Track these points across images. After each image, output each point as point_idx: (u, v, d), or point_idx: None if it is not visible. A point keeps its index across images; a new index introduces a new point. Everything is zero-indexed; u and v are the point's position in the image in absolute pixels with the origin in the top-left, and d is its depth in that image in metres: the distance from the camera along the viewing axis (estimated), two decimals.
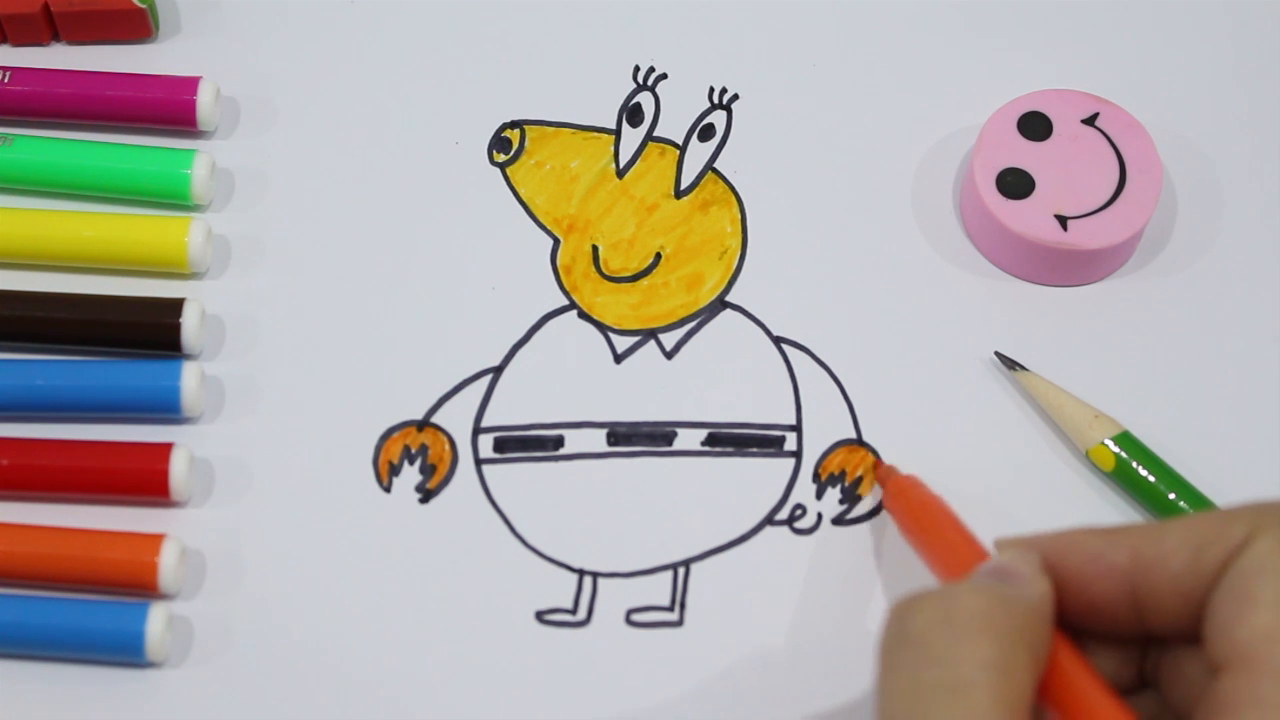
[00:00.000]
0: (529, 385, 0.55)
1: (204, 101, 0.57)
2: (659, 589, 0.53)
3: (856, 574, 0.53)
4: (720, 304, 0.56)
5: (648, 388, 0.55)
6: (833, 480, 0.54)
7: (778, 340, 0.56)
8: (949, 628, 0.42)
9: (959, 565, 0.47)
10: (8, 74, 0.57)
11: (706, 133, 0.59)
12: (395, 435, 0.54)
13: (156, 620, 0.51)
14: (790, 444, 0.54)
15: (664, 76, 0.59)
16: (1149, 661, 0.45)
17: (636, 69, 0.59)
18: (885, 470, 0.53)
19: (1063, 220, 0.55)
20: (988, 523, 0.53)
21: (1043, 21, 0.60)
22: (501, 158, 0.58)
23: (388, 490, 0.54)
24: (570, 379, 0.55)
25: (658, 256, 0.57)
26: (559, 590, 0.53)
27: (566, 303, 0.56)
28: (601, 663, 0.52)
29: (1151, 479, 0.53)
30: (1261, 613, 0.41)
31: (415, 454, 0.54)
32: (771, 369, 0.55)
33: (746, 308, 0.56)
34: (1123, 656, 0.45)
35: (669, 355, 0.56)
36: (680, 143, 0.58)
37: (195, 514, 0.53)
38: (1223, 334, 0.56)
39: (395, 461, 0.54)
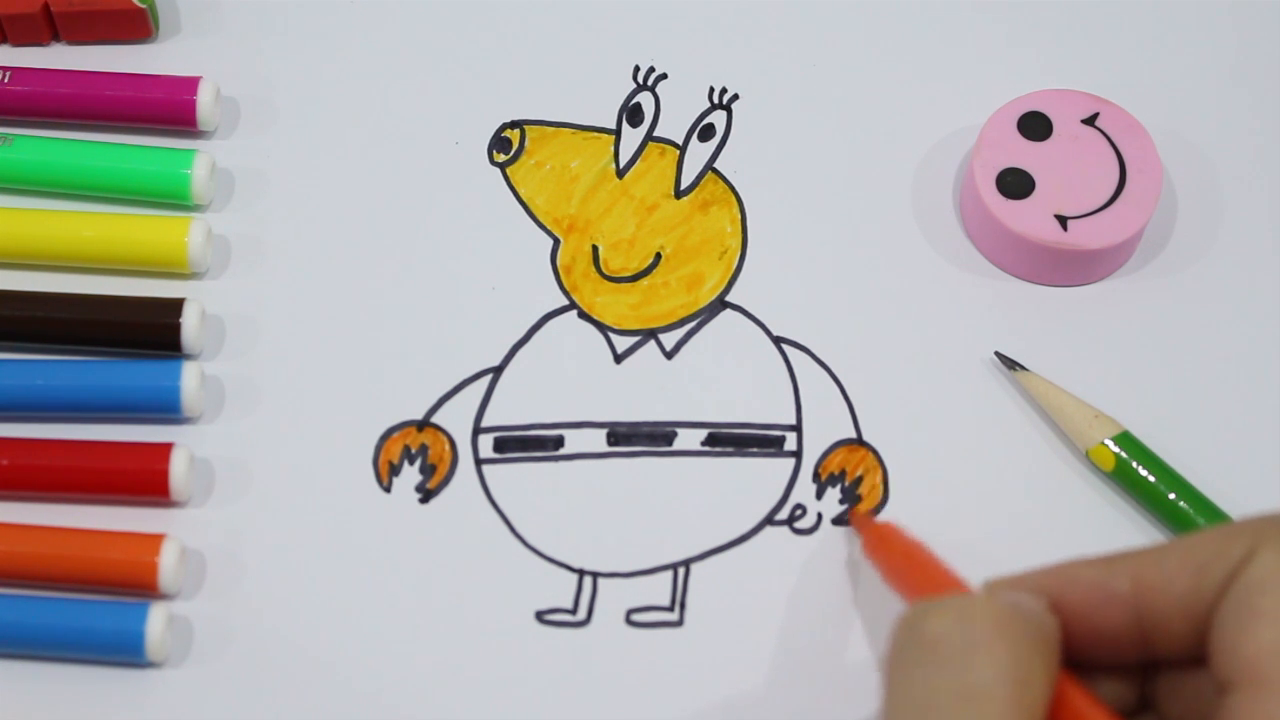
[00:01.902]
0: (529, 385, 0.55)
1: (204, 101, 0.57)
2: (659, 589, 0.53)
3: (856, 574, 0.53)
4: (720, 304, 0.56)
5: (648, 388, 0.55)
6: (833, 480, 0.54)
7: (778, 340, 0.56)
8: (966, 633, 0.41)
9: None
10: (8, 74, 0.57)
11: (706, 133, 0.59)
12: (395, 435, 0.54)
13: (156, 620, 0.51)
14: (790, 444, 0.54)
15: (664, 76, 0.59)
16: (1150, 683, 0.45)
17: (636, 69, 0.59)
18: (860, 518, 0.53)
19: (1063, 220, 0.55)
20: (988, 523, 0.53)
21: (1043, 21, 0.60)
22: (501, 158, 0.58)
23: (388, 490, 0.54)
24: (570, 379, 0.55)
25: (658, 256, 0.57)
26: (559, 590, 0.53)
27: (566, 303, 0.56)
28: (601, 663, 0.52)
29: (1151, 479, 0.53)
30: (1266, 628, 0.41)
31: (415, 454, 0.54)
32: (771, 369, 0.55)
33: (746, 308, 0.56)
34: (1124, 681, 0.45)
35: (669, 355, 0.56)
36: (680, 143, 0.58)
37: (195, 514, 0.53)
38: (1223, 334, 0.56)
39: (395, 461, 0.54)
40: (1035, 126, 0.56)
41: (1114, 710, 0.43)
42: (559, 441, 0.54)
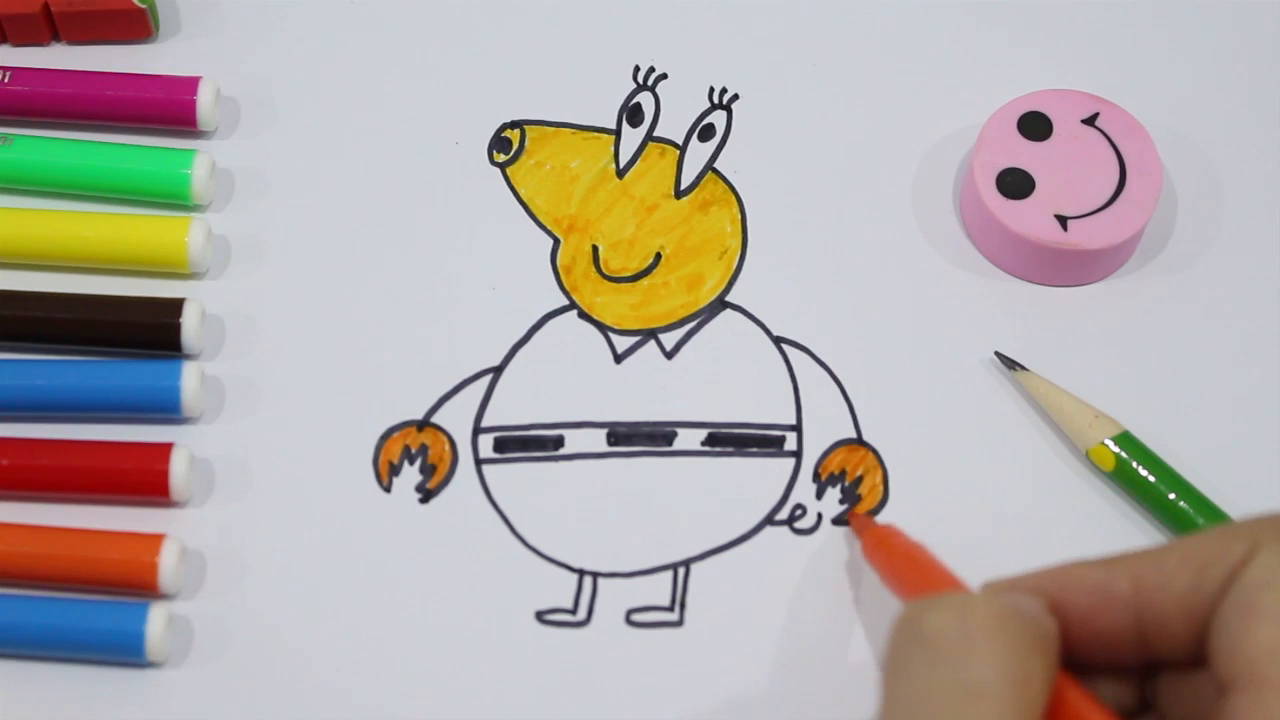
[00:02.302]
0: (529, 385, 0.55)
1: (204, 101, 0.57)
2: (659, 589, 0.53)
3: (856, 574, 0.53)
4: (720, 304, 0.56)
5: (648, 388, 0.55)
6: (833, 480, 0.54)
7: (778, 340, 0.56)
8: (965, 630, 0.41)
9: None
10: (8, 74, 0.57)
11: (706, 133, 0.59)
12: (395, 435, 0.54)
13: (156, 620, 0.51)
14: (790, 444, 0.54)
15: (664, 76, 0.59)
16: (1150, 685, 0.45)
17: (636, 69, 0.59)
18: (860, 520, 0.53)
19: (1063, 220, 0.55)
20: (988, 524, 0.53)
21: (1043, 21, 0.60)
22: (501, 158, 0.58)
23: (388, 490, 0.54)
24: (570, 379, 0.55)
25: (658, 256, 0.57)
26: (559, 590, 0.53)
27: (566, 303, 0.56)
28: (601, 663, 0.52)
29: (1151, 479, 0.53)
30: (1267, 628, 0.40)
31: (415, 454, 0.54)
32: (771, 369, 0.55)
33: (746, 308, 0.56)
34: (1124, 682, 0.44)
35: (669, 355, 0.56)
36: (680, 143, 0.58)
37: (195, 514, 0.53)
38: (1223, 334, 0.56)
39: (395, 461, 0.54)
40: (1035, 126, 0.57)
41: (1114, 711, 0.43)
42: (559, 441, 0.54)
